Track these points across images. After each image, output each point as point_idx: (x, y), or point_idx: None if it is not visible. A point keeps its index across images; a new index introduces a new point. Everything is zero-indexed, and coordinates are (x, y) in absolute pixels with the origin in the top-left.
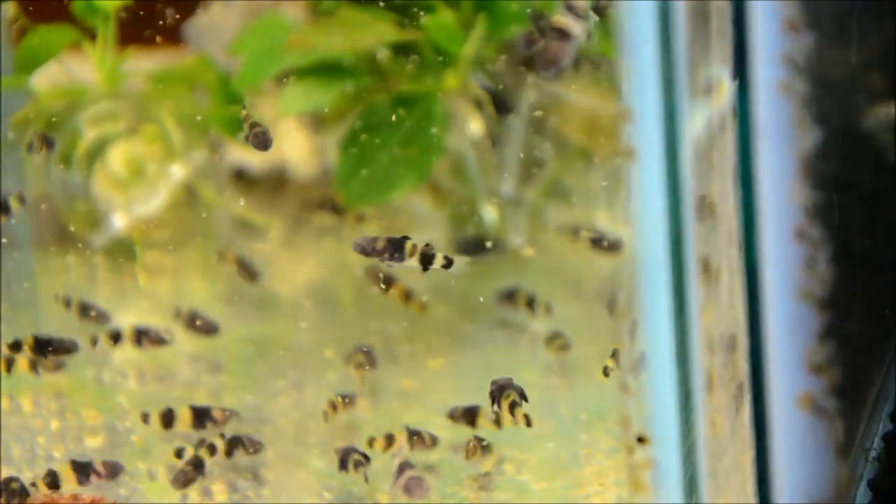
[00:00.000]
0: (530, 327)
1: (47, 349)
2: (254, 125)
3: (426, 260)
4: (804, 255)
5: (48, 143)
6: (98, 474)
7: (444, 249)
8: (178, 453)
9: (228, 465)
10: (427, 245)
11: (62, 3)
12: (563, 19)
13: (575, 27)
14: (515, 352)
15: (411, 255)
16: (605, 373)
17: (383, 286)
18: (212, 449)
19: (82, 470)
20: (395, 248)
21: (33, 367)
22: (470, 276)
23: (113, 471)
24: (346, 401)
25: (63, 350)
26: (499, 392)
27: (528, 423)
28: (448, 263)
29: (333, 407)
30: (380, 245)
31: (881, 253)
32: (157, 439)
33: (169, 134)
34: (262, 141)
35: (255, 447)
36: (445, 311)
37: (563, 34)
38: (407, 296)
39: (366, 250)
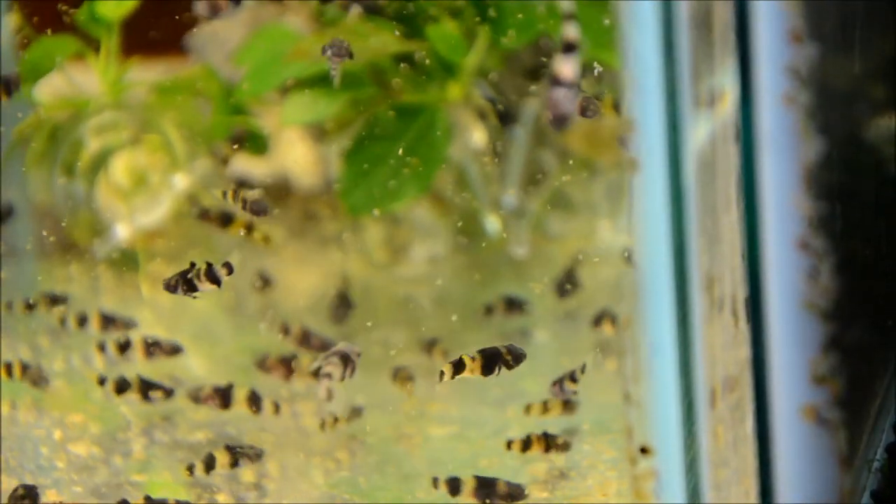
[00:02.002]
0: (532, 336)
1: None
2: (245, 196)
3: (212, 276)
4: (807, 265)
5: None
6: None
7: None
8: (190, 469)
9: (231, 476)
10: (208, 264)
11: (65, 13)
12: (557, 65)
13: (565, 68)
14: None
15: (199, 278)
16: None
17: (221, 224)
18: (212, 461)
19: None
20: (185, 278)
21: (36, 378)
22: (471, 285)
23: None
24: (353, 412)
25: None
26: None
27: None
28: (229, 270)
29: (335, 419)
30: (173, 281)
31: (884, 263)
32: (158, 450)
33: (172, 144)
34: (260, 208)
35: (256, 454)
36: (447, 320)
37: (558, 81)
38: (248, 228)
39: (170, 287)
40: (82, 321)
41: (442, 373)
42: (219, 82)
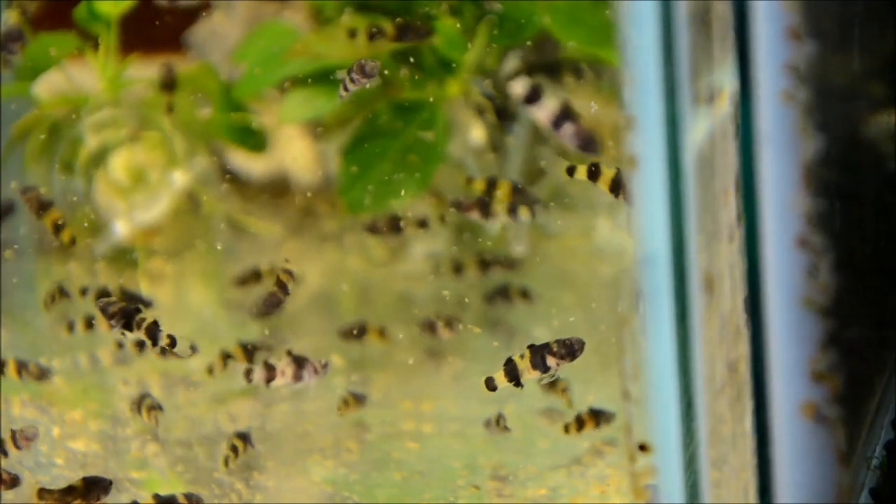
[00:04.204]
0: (532, 334)
1: None
2: (280, 283)
3: (151, 332)
4: (806, 262)
5: None
6: None
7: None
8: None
9: (228, 472)
10: (154, 321)
11: (64, 10)
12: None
13: (541, 114)
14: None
15: (138, 326)
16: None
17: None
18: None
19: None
20: (125, 313)
21: (41, 374)
22: (469, 285)
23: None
24: (359, 398)
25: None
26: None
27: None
28: (172, 343)
29: (346, 403)
30: (111, 308)
31: (883, 261)
32: (156, 447)
33: (170, 141)
34: (271, 303)
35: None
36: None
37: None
38: (58, 227)
39: (105, 310)
40: (90, 323)
41: (491, 380)
42: (218, 79)
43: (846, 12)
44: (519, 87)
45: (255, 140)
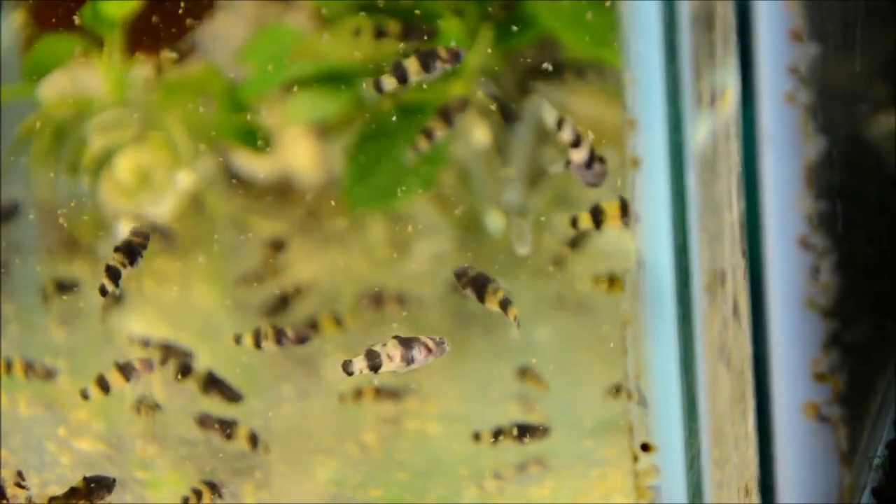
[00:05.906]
0: (532, 335)
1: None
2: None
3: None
4: (808, 263)
5: None
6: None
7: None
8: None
9: (232, 471)
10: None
11: (70, 12)
12: (571, 155)
13: (576, 156)
14: (515, 359)
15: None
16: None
17: None
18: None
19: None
20: (130, 252)
21: (47, 373)
22: None
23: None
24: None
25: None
26: (478, 286)
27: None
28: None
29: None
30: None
31: (885, 262)
32: (161, 447)
33: (175, 142)
34: (297, 340)
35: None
36: (446, 319)
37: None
38: None
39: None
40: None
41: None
42: (222, 80)
43: (848, 15)
44: (567, 134)
45: (259, 140)
